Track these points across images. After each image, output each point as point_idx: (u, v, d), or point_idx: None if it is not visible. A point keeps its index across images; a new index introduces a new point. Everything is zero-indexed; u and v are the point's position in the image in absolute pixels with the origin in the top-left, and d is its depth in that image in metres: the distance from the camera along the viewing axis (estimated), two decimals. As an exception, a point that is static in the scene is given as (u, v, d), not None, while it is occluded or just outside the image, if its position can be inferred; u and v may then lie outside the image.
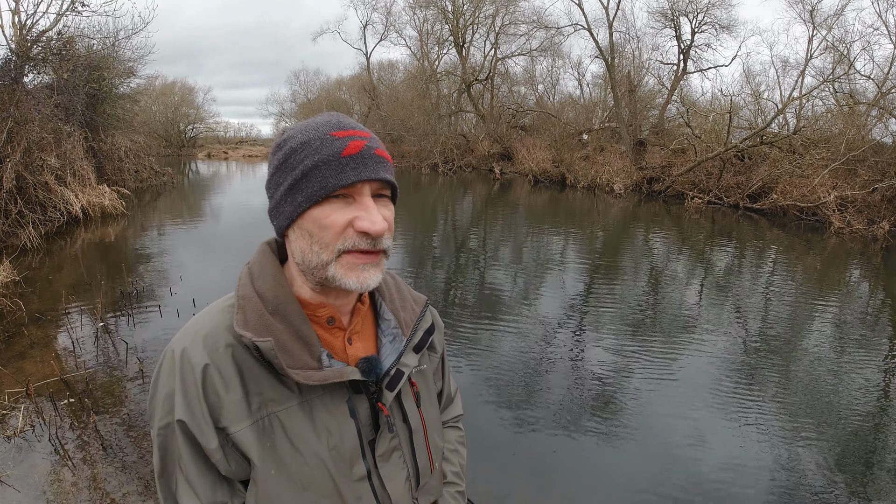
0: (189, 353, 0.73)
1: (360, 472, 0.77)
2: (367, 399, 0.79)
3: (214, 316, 0.77)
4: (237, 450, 0.73)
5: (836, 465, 3.13)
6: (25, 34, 9.65)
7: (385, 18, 29.68)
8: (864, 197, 12.03)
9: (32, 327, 4.65)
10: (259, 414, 0.73)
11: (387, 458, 0.81)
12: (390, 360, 0.83)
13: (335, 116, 0.77)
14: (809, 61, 15.36)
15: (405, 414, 0.84)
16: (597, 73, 28.76)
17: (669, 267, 8.22)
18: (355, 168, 0.71)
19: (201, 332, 0.74)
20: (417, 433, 0.85)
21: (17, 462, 2.85)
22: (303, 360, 0.73)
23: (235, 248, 8.31)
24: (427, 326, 0.91)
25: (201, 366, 0.72)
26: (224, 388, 0.72)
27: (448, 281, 6.88)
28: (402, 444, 0.83)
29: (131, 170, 14.39)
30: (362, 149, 0.72)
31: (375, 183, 0.73)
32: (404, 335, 0.85)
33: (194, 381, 0.71)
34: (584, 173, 18.77)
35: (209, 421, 0.71)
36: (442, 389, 1.03)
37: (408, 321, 0.87)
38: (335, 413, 0.76)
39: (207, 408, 0.71)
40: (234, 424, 0.72)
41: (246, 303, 0.75)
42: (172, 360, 0.73)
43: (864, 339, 5.17)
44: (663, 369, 4.31)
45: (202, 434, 0.71)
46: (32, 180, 8.66)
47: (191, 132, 38.30)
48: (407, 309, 0.89)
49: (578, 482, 2.92)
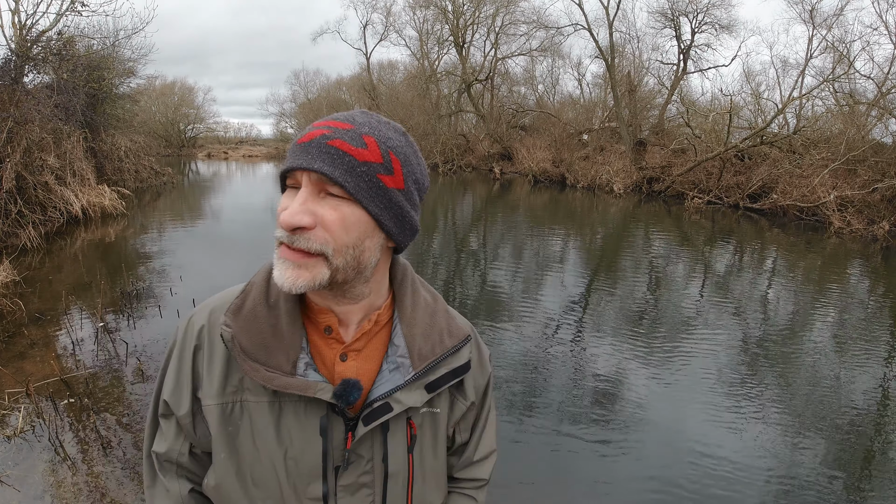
0: (194, 320, 0.78)
1: (315, 493, 0.74)
2: (344, 424, 0.73)
3: (226, 295, 0.80)
4: (205, 423, 0.76)
5: (836, 464, 3.13)
6: (25, 34, 9.64)
7: (385, 18, 29.64)
8: (864, 197, 12.02)
9: (32, 327, 4.65)
10: (231, 397, 0.74)
11: (351, 491, 0.75)
12: (381, 390, 0.74)
13: (353, 112, 0.72)
14: (809, 61, 15.38)
15: (385, 454, 0.75)
16: (597, 73, 28.84)
17: (669, 267, 8.21)
18: (295, 156, 0.66)
19: (210, 306, 0.79)
20: (396, 479, 0.76)
21: (17, 462, 2.85)
22: (276, 361, 0.70)
23: (235, 247, 8.32)
24: (457, 365, 0.78)
25: (197, 335, 0.76)
26: (210, 359, 0.75)
27: (448, 281, 6.87)
28: (374, 485, 0.76)
29: (131, 170, 14.38)
30: (314, 138, 0.66)
31: (315, 174, 0.65)
32: (413, 367, 0.75)
33: (189, 348, 0.77)
34: (584, 173, 18.77)
35: (189, 386, 0.76)
36: (468, 444, 0.90)
37: (425, 353, 0.75)
38: (305, 426, 0.72)
39: (192, 373, 0.76)
40: (207, 398, 0.75)
41: (251, 288, 0.76)
42: (182, 326, 0.79)
43: (864, 339, 5.17)
44: (663, 370, 4.31)
45: (177, 399, 0.76)
46: (32, 180, 8.66)
47: (191, 132, 38.27)
48: (431, 339, 0.77)
49: (579, 481, 2.92)
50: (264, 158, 34.27)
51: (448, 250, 8.89)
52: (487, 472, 0.93)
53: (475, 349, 0.86)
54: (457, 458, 0.91)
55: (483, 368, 0.88)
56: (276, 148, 37.05)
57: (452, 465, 0.91)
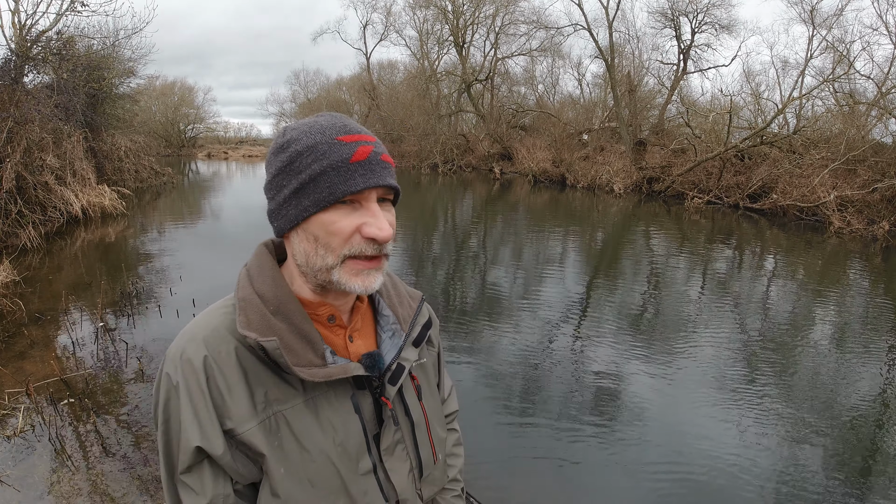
0: (190, 355, 0.72)
1: (365, 467, 0.78)
2: (371, 394, 0.80)
3: (214, 318, 0.76)
4: (244, 452, 0.73)
5: (837, 464, 3.13)
6: (25, 34, 9.65)
7: (385, 18, 29.71)
8: (864, 197, 12.03)
9: (32, 327, 4.65)
10: (265, 413, 0.73)
11: (391, 451, 0.82)
12: (391, 355, 0.84)
13: (339, 119, 0.76)
14: (809, 61, 15.37)
15: (407, 407, 0.85)
16: (597, 73, 28.83)
17: (669, 267, 8.22)
18: (363, 175, 0.71)
19: (200, 334, 0.74)
20: (420, 426, 0.87)
21: (17, 462, 2.85)
22: (307, 358, 0.74)
23: (235, 247, 8.32)
24: (424, 321, 0.92)
25: (204, 368, 0.71)
26: (228, 388, 0.71)
27: (448, 281, 6.87)
28: (405, 437, 0.84)
29: (131, 170, 14.40)
30: (370, 155, 0.72)
31: (381, 189, 0.74)
32: (403, 330, 0.87)
33: (198, 383, 0.71)
34: (584, 173, 18.78)
35: (216, 424, 0.71)
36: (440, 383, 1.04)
37: (405, 317, 0.88)
38: (339, 410, 0.77)
39: (214, 409, 0.71)
40: (241, 425, 0.71)
41: (247, 304, 0.75)
42: (174, 364, 0.72)
43: (864, 339, 5.17)
44: (663, 370, 4.31)
45: (209, 442, 0.70)
46: (32, 180, 8.66)
47: (191, 132, 38.27)
48: (404, 305, 0.90)
49: (579, 481, 2.92)
50: (264, 158, 34.11)
51: (448, 250, 8.89)
52: (456, 404, 1.10)
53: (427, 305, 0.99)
54: None
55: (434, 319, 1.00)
56: (276, 148, 36.98)
57: None
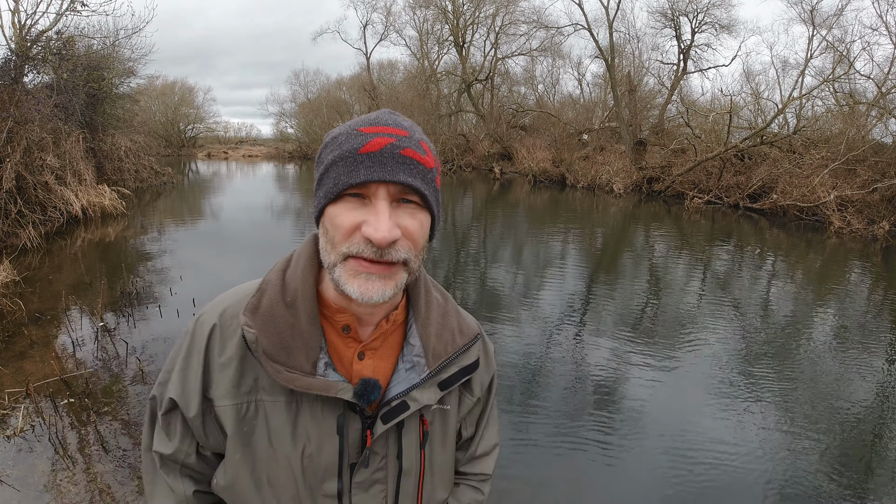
0: (204, 320, 0.76)
1: (330, 490, 0.74)
2: (361, 422, 0.74)
3: (240, 294, 0.78)
4: (216, 423, 0.75)
5: (837, 464, 3.13)
6: (25, 34, 9.64)
7: (385, 18, 29.66)
8: (864, 197, 12.03)
9: (32, 327, 4.65)
10: (246, 397, 0.73)
11: (365, 487, 0.76)
12: (397, 389, 0.75)
13: (385, 113, 0.71)
14: (809, 61, 15.35)
15: (400, 451, 0.76)
16: (597, 73, 28.85)
17: (669, 267, 8.22)
18: (369, 167, 0.64)
19: (224, 303, 0.77)
20: (409, 474, 0.78)
21: (17, 462, 2.85)
22: (297, 361, 0.70)
23: (235, 247, 8.32)
24: (467, 364, 0.80)
25: (208, 336, 0.75)
26: (222, 361, 0.74)
27: (447, 281, 6.87)
28: (388, 480, 0.77)
29: (131, 170, 14.38)
30: (384, 147, 0.65)
31: (395, 186, 0.65)
32: (427, 367, 0.76)
33: (198, 348, 0.75)
34: (584, 173, 18.78)
35: (199, 386, 0.74)
36: (473, 438, 0.92)
37: (438, 352, 0.77)
38: (322, 424, 0.73)
39: (202, 375, 0.74)
40: (219, 399, 0.73)
41: (267, 287, 0.75)
42: (193, 324, 0.77)
43: (864, 340, 5.17)
44: (663, 370, 4.31)
45: (184, 401, 0.74)
46: (32, 180, 8.65)
47: (191, 132, 38.26)
48: (443, 339, 0.78)
49: (579, 481, 2.92)
50: (264, 158, 34.26)
51: (448, 250, 8.88)
52: (491, 467, 0.95)
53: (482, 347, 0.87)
54: (462, 452, 0.93)
55: (489, 365, 0.89)
56: (276, 148, 37.03)
57: (458, 460, 0.93)
